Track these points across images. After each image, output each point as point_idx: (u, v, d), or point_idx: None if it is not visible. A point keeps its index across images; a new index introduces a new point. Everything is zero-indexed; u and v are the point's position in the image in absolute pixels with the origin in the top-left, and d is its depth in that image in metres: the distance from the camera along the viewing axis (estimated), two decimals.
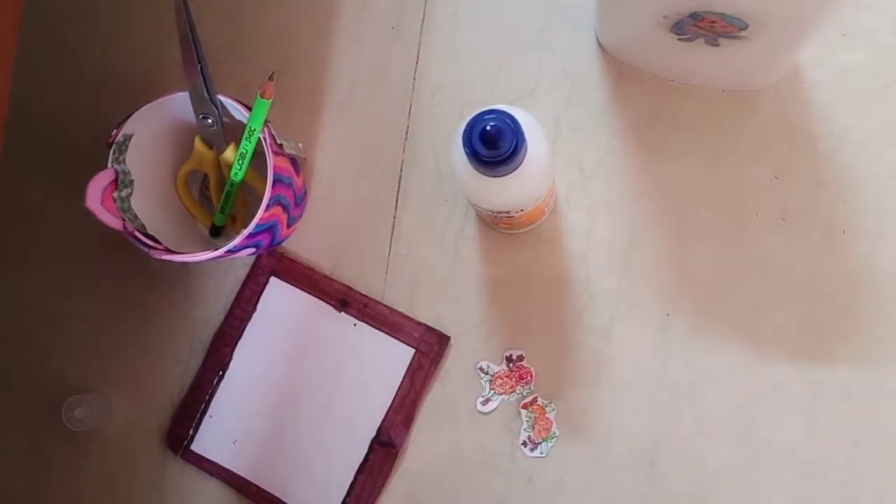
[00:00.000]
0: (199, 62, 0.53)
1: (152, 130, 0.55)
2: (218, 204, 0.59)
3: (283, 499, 0.60)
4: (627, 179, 0.58)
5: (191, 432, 0.61)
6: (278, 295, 0.61)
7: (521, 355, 0.58)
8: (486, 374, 0.58)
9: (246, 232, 0.52)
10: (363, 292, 0.60)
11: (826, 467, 0.55)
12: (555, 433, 0.57)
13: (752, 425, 0.56)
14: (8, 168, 0.65)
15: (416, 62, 0.61)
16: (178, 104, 0.55)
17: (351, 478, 0.59)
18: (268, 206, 0.52)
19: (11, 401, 0.63)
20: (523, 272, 0.59)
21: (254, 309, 0.61)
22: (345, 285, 0.60)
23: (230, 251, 0.52)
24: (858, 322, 0.55)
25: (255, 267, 0.62)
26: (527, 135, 0.44)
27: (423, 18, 0.61)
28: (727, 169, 0.57)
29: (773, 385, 0.56)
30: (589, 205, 0.58)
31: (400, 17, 0.62)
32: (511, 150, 0.42)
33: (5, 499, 0.62)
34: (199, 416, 0.61)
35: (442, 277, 0.59)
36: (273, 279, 0.61)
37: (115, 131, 0.54)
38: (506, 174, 0.45)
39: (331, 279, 0.61)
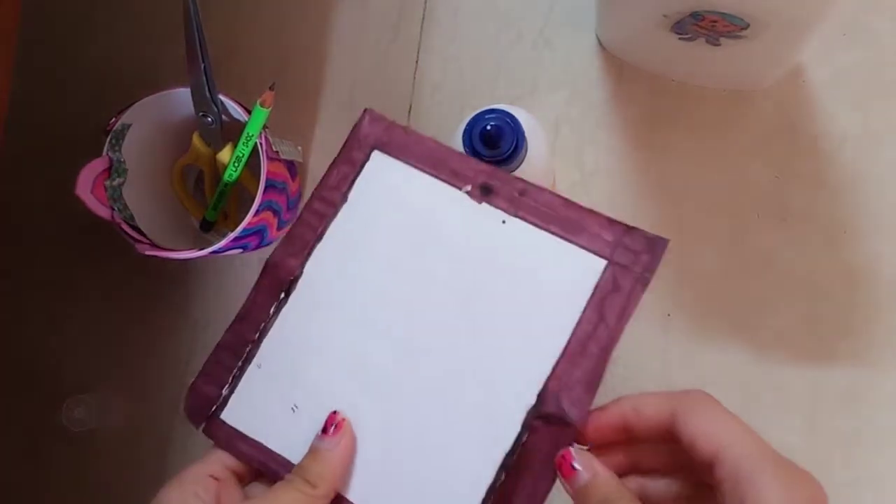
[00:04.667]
0: (203, 61, 0.53)
1: (151, 122, 0.55)
2: (211, 200, 0.59)
3: None
4: (628, 179, 0.58)
5: (225, 391, 0.40)
6: (384, 177, 0.41)
7: None
8: None
9: (232, 235, 0.52)
10: None
11: (826, 467, 0.55)
12: None
13: (752, 425, 0.56)
14: (8, 168, 0.65)
15: (416, 62, 0.61)
16: (179, 99, 0.55)
17: (491, 477, 0.36)
18: (257, 212, 0.52)
19: (11, 401, 0.63)
20: None
21: (343, 199, 0.41)
22: (489, 164, 0.41)
23: (215, 252, 0.52)
24: (859, 322, 0.55)
25: (350, 140, 0.43)
26: (527, 135, 0.44)
27: (423, 18, 0.61)
28: (728, 168, 0.57)
29: (773, 385, 0.56)
30: (589, 205, 0.58)
31: (400, 17, 0.62)
32: (511, 149, 0.42)
33: (5, 499, 0.62)
34: (240, 364, 0.40)
35: None
36: (377, 154, 0.42)
37: (113, 119, 0.54)
38: None
39: (466, 157, 0.41)
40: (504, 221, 0.40)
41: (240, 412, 0.40)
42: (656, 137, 0.58)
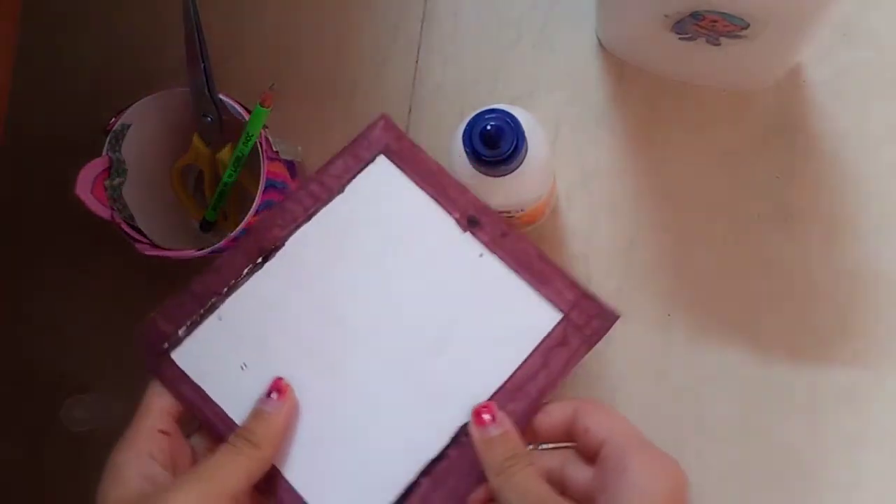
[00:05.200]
0: (203, 61, 0.53)
1: (151, 122, 0.56)
2: (211, 200, 0.59)
3: (292, 482, 0.39)
4: (628, 179, 0.58)
5: (181, 332, 0.42)
6: (383, 181, 0.44)
7: None
8: None
9: (232, 235, 0.52)
10: None
11: (826, 467, 0.55)
12: None
13: (752, 425, 0.56)
14: (8, 168, 0.65)
15: (416, 62, 0.61)
16: (179, 99, 0.55)
17: (411, 478, 0.39)
18: (257, 212, 0.52)
19: (11, 401, 0.63)
20: None
21: (340, 189, 0.44)
22: (480, 200, 0.43)
23: (215, 252, 0.52)
24: (859, 322, 0.55)
25: (361, 138, 0.45)
26: (527, 135, 0.44)
27: (423, 18, 0.61)
28: (728, 168, 0.57)
29: (773, 385, 0.56)
30: (589, 205, 0.58)
31: (400, 17, 0.62)
32: (511, 149, 0.42)
33: (5, 499, 0.62)
34: (202, 311, 0.43)
35: None
36: (382, 159, 0.44)
37: (113, 119, 0.54)
38: (506, 174, 0.44)
39: (463, 188, 0.44)
40: (481, 255, 0.42)
41: (191, 357, 0.42)
42: (656, 137, 0.58)
